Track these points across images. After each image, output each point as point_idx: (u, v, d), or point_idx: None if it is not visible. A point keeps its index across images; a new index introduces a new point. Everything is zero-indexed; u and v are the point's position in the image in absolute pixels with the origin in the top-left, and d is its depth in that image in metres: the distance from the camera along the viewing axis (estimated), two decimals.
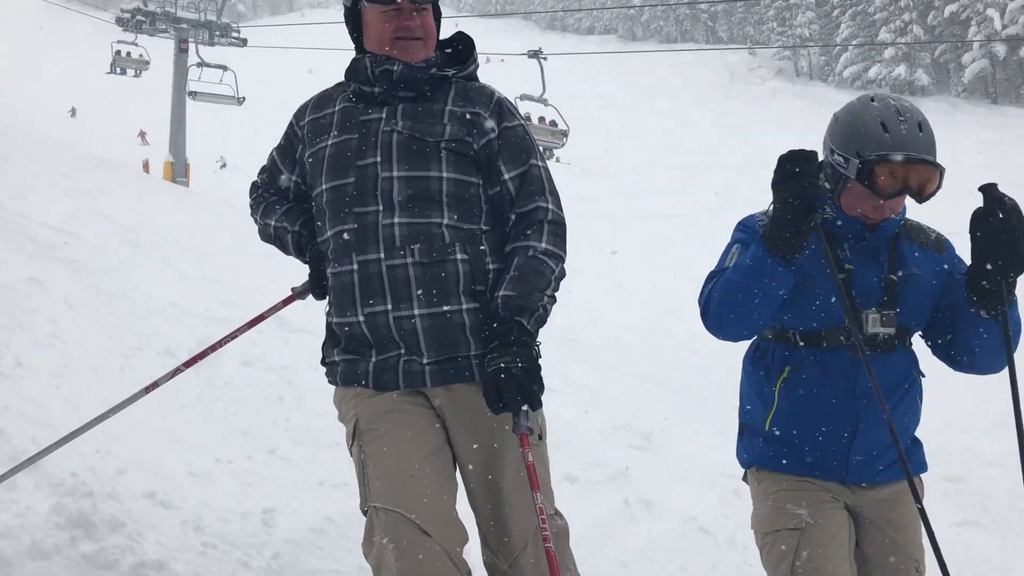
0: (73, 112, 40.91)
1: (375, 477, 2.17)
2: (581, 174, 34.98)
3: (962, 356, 2.31)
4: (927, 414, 2.50)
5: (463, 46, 2.48)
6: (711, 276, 2.35)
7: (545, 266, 2.25)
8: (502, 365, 2.10)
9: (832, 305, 2.25)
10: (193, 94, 23.64)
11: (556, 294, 2.28)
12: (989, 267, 2.12)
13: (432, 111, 2.31)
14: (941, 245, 2.39)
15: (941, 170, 2.18)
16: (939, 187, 2.19)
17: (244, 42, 27.61)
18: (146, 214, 11.59)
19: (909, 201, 2.31)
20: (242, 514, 3.75)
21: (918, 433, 2.47)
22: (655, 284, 18.52)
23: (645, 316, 15.21)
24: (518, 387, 2.09)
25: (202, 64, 23.33)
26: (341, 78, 2.45)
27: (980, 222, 2.12)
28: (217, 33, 26.70)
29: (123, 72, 28.12)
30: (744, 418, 2.51)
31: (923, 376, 2.42)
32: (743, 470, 2.55)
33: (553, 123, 20.32)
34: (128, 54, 26.77)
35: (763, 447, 2.42)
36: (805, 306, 2.28)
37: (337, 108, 2.38)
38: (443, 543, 2.09)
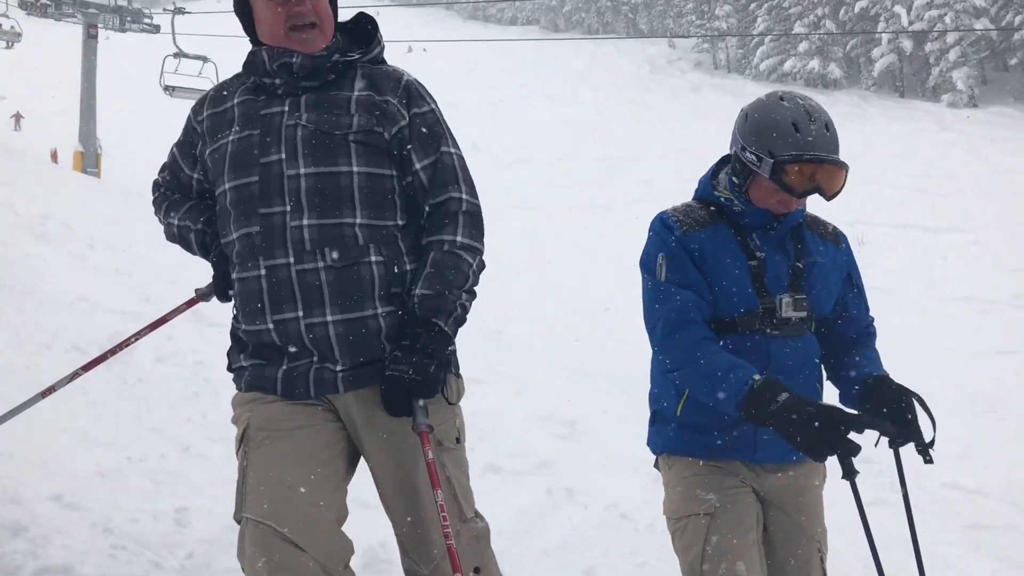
0: None
1: (252, 486, 2.06)
2: (505, 165, 34.97)
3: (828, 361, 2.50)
4: (835, 395, 2.56)
5: (367, 27, 2.34)
6: (657, 296, 2.35)
7: (462, 261, 2.18)
8: (396, 374, 2.06)
9: (745, 292, 2.33)
10: (170, 89, 21.82)
11: (476, 288, 2.22)
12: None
13: (338, 101, 2.19)
14: (838, 238, 2.53)
15: (847, 169, 2.31)
16: (844, 185, 2.32)
17: (157, 28, 26.75)
18: (54, 206, 11.13)
19: (812, 203, 2.43)
20: (154, 514, 3.63)
21: None
22: (581, 274, 18.67)
23: (571, 306, 15.33)
24: (408, 394, 2.06)
25: (179, 55, 21.79)
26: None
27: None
28: (129, 19, 25.81)
29: None
30: (655, 405, 2.55)
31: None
32: (654, 456, 2.58)
33: None
34: None
35: (674, 433, 2.46)
36: (719, 295, 2.34)
37: (236, 101, 2.25)
38: (320, 558, 1.99)
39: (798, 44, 53.39)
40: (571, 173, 35.30)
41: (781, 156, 2.24)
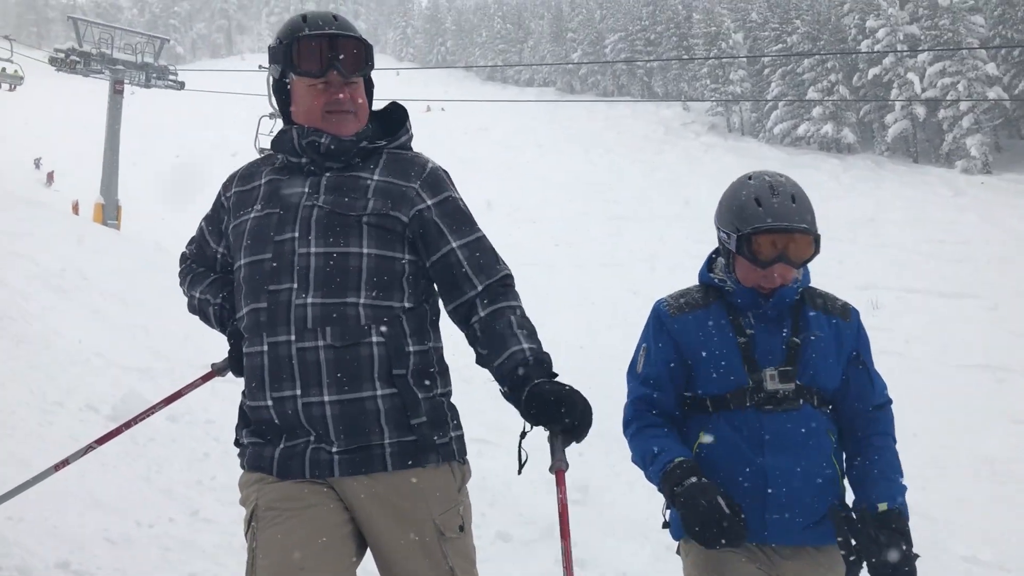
0: None
1: (262, 569, 2.04)
2: (518, 222, 35.20)
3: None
4: None
5: (396, 115, 2.40)
6: (629, 379, 2.54)
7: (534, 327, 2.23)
8: (557, 385, 2.07)
9: (734, 369, 2.38)
10: (264, 152, 22.34)
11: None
12: None
13: (357, 184, 2.23)
14: (847, 313, 2.52)
15: (815, 236, 2.36)
16: (816, 252, 2.37)
17: (182, 85, 27.33)
18: (72, 258, 11.25)
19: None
20: None
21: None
22: (591, 332, 18.64)
23: (581, 365, 15.26)
24: (579, 403, 2.07)
25: (275, 115, 22.09)
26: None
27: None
28: (154, 76, 26.37)
29: None
30: None
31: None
32: (676, 542, 2.56)
33: None
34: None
35: None
36: (709, 373, 2.41)
37: (263, 180, 2.30)
38: None
39: (812, 109, 53.92)
40: (583, 231, 35.49)
41: (744, 230, 2.35)
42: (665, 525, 2.52)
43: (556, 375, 2.14)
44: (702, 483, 2.24)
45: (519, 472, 2.21)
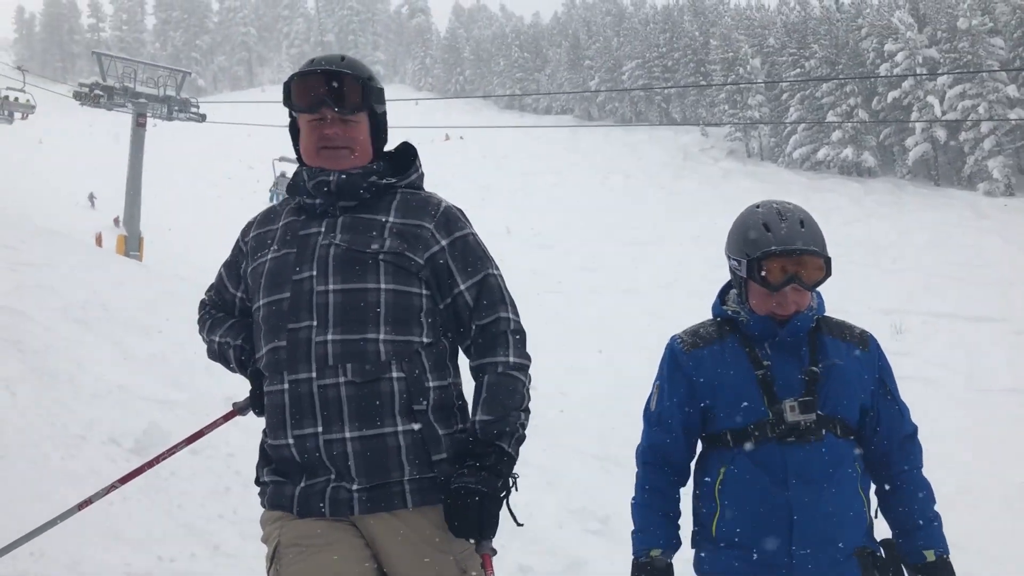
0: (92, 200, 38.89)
1: None
2: (536, 248, 35.26)
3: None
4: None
5: (407, 154, 2.43)
6: (645, 420, 2.55)
7: (517, 382, 2.22)
8: (468, 486, 2.06)
9: (752, 402, 2.36)
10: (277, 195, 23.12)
11: (530, 405, 2.25)
12: None
13: (373, 224, 2.25)
14: (865, 341, 2.48)
15: (825, 258, 2.36)
16: (827, 274, 2.37)
17: (203, 117, 27.69)
18: (95, 289, 11.33)
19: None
20: None
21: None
22: (609, 357, 18.57)
23: (600, 391, 15.19)
24: (477, 513, 2.05)
25: (284, 159, 22.60)
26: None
27: None
28: (176, 108, 26.75)
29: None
30: (695, 524, 2.52)
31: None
32: None
33: None
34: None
35: (714, 554, 2.42)
36: (731, 407, 2.39)
37: (281, 223, 2.33)
38: None
39: (831, 133, 53.82)
40: (602, 257, 35.49)
41: (754, 255, 2.35)
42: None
43: (494, 450, 2.13)
44: None
45: (516, 523, 2.26)
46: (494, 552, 2.12)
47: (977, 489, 11.35)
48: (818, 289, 2.44)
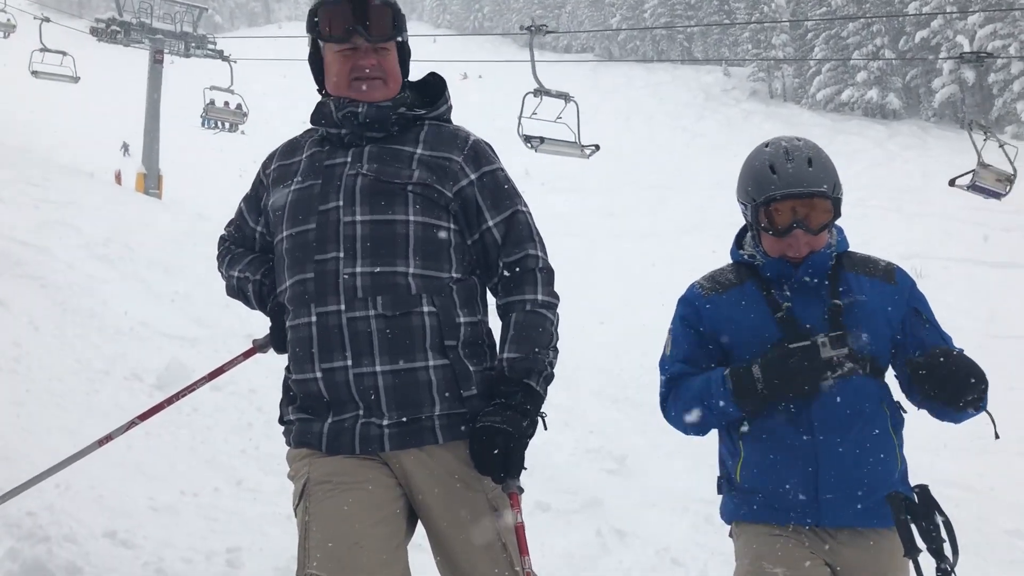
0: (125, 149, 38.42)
1: (317, 542, 2.02)
2: (554, 191, 35.00)
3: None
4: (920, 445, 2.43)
5: (434, 86, 2.36)
6: (662, 368, 2.45)
7: (545, 319, 2.19)
8: (494, 425, 2.03)
9: (773, 343, 2.27)
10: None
11: (558, 344, 2.22)
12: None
13: (400, 154, 2.20)
14: (891, 274, 2.39)
15: (834, 199, 2.27)
16: (835, 215, 2.28)
17: (220, 54, 27.41)
18: (116, 227, 11.40)
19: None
20: (206, 553, 3.61)
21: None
22: (629, 303, 18.54)
23: (618, 335, 15.19)
24: (503, 451, 2.02)
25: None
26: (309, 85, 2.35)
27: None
28: (193, 45, 26.49)
29: None
30: (721, 471, 2.48)
31: (903, 411, 2.37)
32: (727, 524, 2.48)
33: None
34: None
35: (738, 500, 2.39)
36: (753, 350, 2.30)
37: (305, 155, 2.27)
38: None
39: (856, 74, 52.76)
40: (623, 201, 35.22)
41: (758, 200, 2.28)
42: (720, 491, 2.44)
43: (521, 388, 2.10)
44: (768, 358, 2.20)
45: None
46: (521, 491, 2.09)
47: (992, 434, 11.33)
48: (839, 224, 2.37)
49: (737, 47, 63.74)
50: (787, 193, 2.24)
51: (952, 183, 16.15)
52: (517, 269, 2.21)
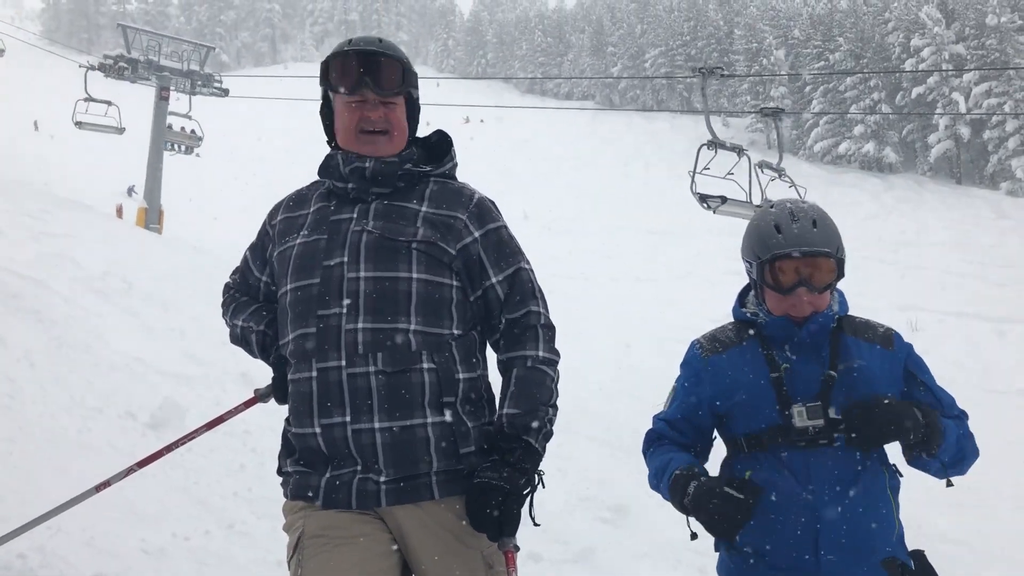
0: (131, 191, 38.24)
1: None
2: (554, 234, 35.19)
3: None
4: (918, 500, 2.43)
5: (440, 143, 2.39)
6: (654, 419, 2.53)
7: (545, 376, 2.20)
8: (491, 482, 2.03)
9: (766, 406, 2.32)
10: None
11: (557, 402, 2.23)
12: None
13: (405, 212, 2.22)
14: (889, 340, 2.42)
15: (838, 260, 2.33)
16: (839, 275, 2.34)
17: (226, 92, 27.70)
18: (115, 261, 11.38)
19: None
20: None
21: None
22: (624, 346, 18.52)
23: (614, 380, 15.16)
24: (499, 509, 2.02)
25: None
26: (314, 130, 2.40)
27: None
28: (199, 83, 26.76)
29: None
30: None
31: (900, 475, 2.38)
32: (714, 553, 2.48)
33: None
34: None
35: (737, 559, 2.38)
36: (746, 411, 2.35)
37: (312, 208, 2.29)
38: None
39: (853, 127, 53.36)
40: (620, 245, 35.39)
41: (764, 256, 2.34)
42: (693, 537, 2.42)
43: (520, 444, 2.11)
44: (703, 483, 2.22)
45: (534, 523, 2.19)
46: (517, 548, 2.09)
47: (988, 489, 11.28)
48: (839, 287, 2.41)
49: (736, 98, 64.49)
50: (792, 252, 2.28)
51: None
52: (519, 325, 2.23)
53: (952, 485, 2.37)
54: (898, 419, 2.15)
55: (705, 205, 14.73)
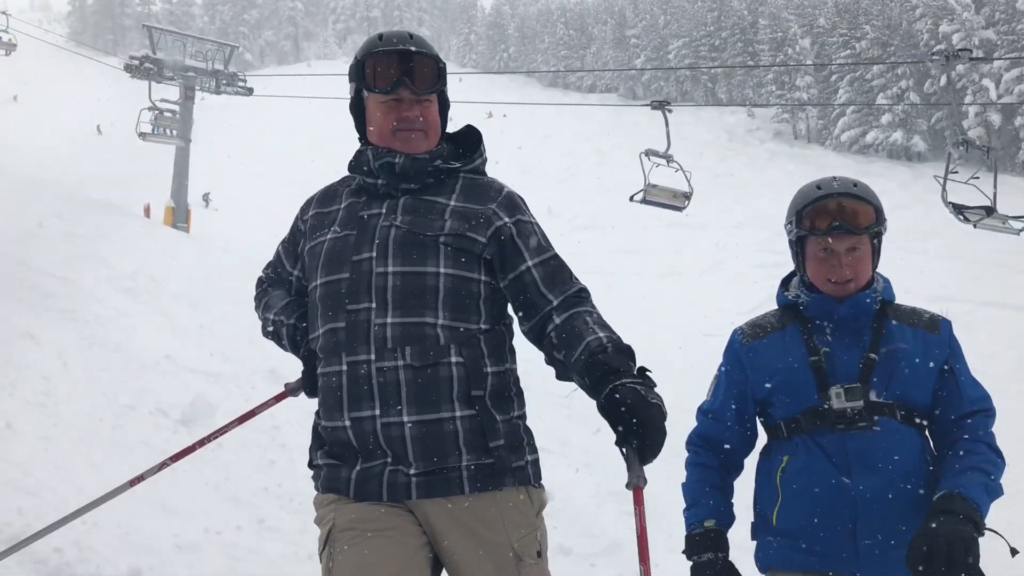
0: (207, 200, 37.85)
1: None
2: (578, 230, 35.11)
3: None
4: None
5: (471, 138, 2.40)
6: (697, 412, 2.56)
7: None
8: (635, 388, 1.94)
9: (805, 389, 2.32)
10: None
11: None
12: None
13: (434, 206, 2.23)
14: (935, 325, 2.40)
15: (875, 206, 2.35)
16: (878, 223, 2.35)
17: (250, 91, 27.89)
18: (144, 260, 11.54)
19: (896, 278, 2.37)
20: None
21: None
22: (651, 342, 18.46)
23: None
24: (661, 424, 1.92)
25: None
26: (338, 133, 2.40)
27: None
28: (224, 82, 26.95)
29: None
30: (755, 507, 2.47)
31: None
32: (762, 574, 2.45)
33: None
34: None
35: (774, 545, 2.37)
36: (786, 395, 2.36)
37: (343, 204, 2.31)
38: None
39: (881, 116, 52.75)
40: (644, 239, 35.25)
41: (802, 205, 2.38)
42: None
43: (633, 365, 2.05)
44: (714, 562, 2.31)
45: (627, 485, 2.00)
46: (645, 482, 1.96)
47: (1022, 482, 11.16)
48: (883, 273, 2.40)
49: (761, 88, 63.97)
50: (829, 193, 2.33)
51: (631, 199, 18.39)
52: (576, 298, 2.22)
53: (1018, 552, 2.30)
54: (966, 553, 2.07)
55: (962, 218, 14.84)
